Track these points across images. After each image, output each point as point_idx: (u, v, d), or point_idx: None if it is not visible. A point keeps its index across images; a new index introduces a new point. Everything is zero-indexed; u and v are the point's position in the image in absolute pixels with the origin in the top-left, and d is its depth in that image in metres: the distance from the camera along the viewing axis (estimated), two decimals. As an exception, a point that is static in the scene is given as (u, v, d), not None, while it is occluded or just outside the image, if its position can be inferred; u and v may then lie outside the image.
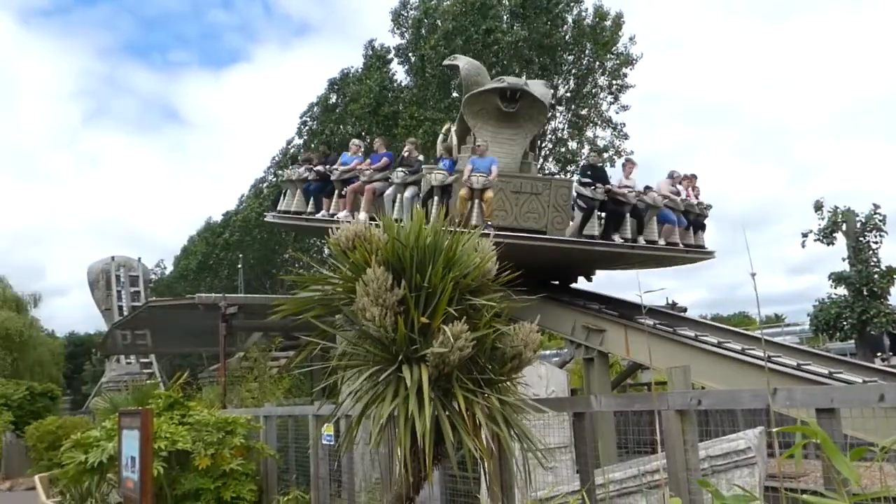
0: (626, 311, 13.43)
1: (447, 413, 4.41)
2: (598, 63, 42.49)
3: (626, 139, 43.58)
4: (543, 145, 43.83)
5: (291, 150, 57.19)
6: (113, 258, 48.75)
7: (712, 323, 13.90)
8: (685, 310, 16.26)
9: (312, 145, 48.70)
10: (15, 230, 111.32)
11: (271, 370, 16.17)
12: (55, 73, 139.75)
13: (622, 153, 43.65)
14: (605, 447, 10.36)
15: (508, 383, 4.89)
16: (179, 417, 10.35)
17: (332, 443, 8.28)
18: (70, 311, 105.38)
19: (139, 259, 52.15)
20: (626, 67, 42.58)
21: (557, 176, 44.67)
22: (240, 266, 53.65)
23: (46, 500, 10.82)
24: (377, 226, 5.03)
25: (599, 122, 43.65)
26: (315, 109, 51.75)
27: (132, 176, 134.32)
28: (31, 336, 37.63)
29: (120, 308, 44.64)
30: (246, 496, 9.78)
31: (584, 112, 43.28)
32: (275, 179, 57.87)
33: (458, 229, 5.02)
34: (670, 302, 16.41)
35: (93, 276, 47.63)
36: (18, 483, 22.92)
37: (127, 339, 30.71)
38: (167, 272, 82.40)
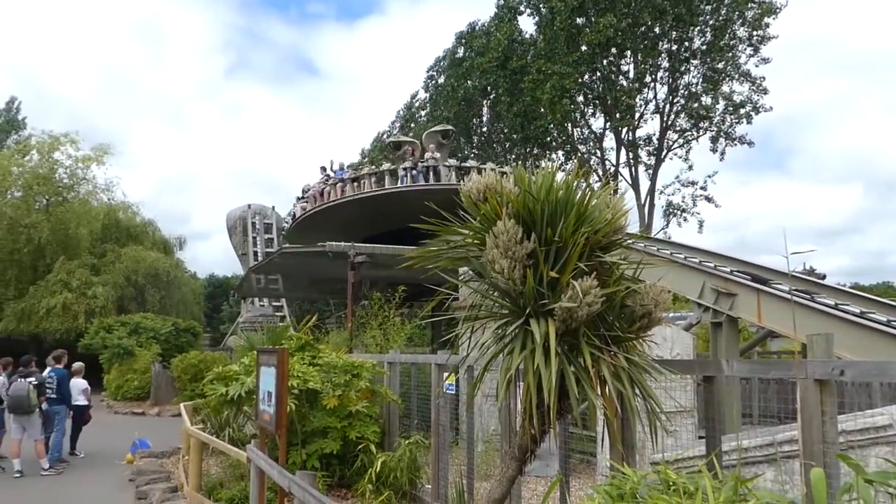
0: (758, 275, 12.81)
1: (573, 369, 4.37)
2: (737, 13, 39.98)
3: (765, 94, 41.05)
4: (676, 100, 42.00)
5: (416, 105, 57.87)
6: (249, 206, 50.95)
7: (854, 291, 13.02)
8: (824, 276, 15.30)
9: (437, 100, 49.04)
10: (164, 177, 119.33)
11: (394, 318, 16.61)
12: (200, 26, 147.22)
13: (760, 109, 41.21)
14: (727, 414, 10.02)
15: (635, 342, 4.79)
16: (310, 359, 10.86)
17: (453, 391, 8.44)
18: (211, 255, 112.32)
19: (273, 207, 54.26)
20: (769, 17, 39.84)
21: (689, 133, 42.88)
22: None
23: (191, 426, 11.70)
24: (508, 178, 5.00)
25: (737, 77, 41.28)
26: (442, 63, 51.90)
27: (269, 127, 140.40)
28: (177, 276, 40.05)
29: (255, 253, 46.93)
30: (370, 436, 10.19)
31: (720, 66, 41.03)
32: (398, 134, 58.86)
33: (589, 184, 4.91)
34: (808, 268, 15.49)
35: (231, 222, 50.17)
36: (166, 409, 24.90)
37: (261, 282, 32.43)
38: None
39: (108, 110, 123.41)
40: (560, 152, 46.02)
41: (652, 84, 42.40)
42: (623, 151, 43.71)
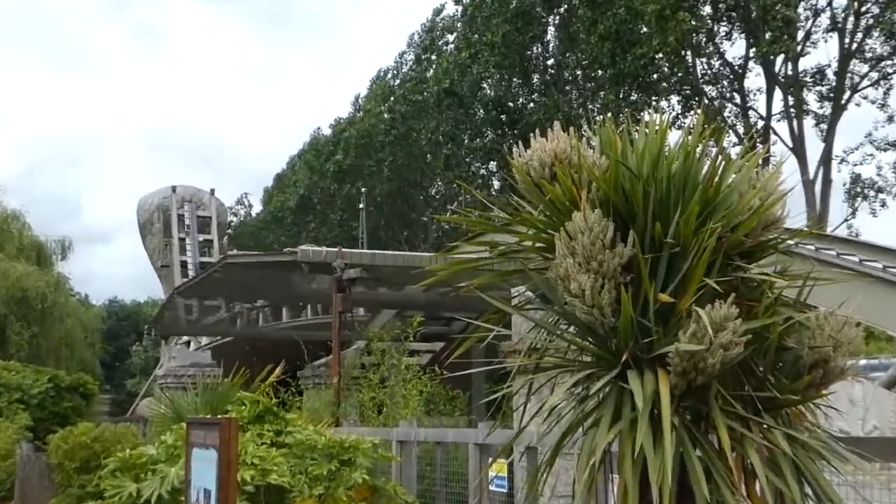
0: None
1: (699, 452, 4.34)
2: None
3: None
4: (866, 9, 41.50)
5: (441, 26, 58.07)
6: (174, 189, 51.46)
7: None
8: None
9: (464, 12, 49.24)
10: (39, 144, 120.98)
11: (408, 369, 16.66)
12: None
13: None
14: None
15: (803, 409, 4.73)
16: (273, 435, 10.89)
17: (504, 489, 8.44)
18: (113, 267, 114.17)
19: (212, 192, 54.60)
20: None
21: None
22: (361, 206, 55.44)
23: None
24: (591, 142, 5.00)
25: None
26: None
27: (206, 62, 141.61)
28: (58, 302, 39.86)
29: (184, 265, 47.51)
30: (370, 562, 10.21)
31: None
32: (415, 66, 59.18)
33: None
34: None
35: (145, 216, 50.75)
36: (40, 517, 25.07)
37: (193, 311, 32.66)
38: (253, 212, 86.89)
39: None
40: (674, 98, 45.95)
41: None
42: (778, 95, 43.41)
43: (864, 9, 41.78)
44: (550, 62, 51.73)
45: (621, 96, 45.49)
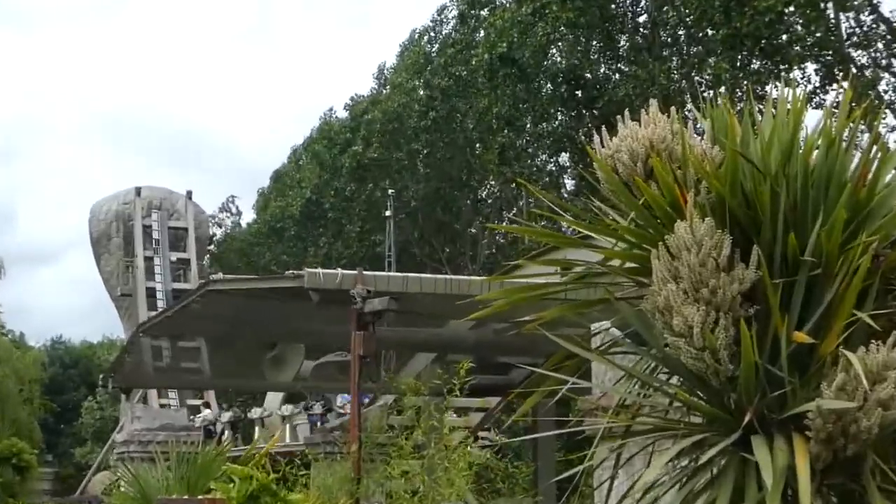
0: None
1: (850, 547, 4.33)
2: None
3: None
4: None
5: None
6: (138, 192, 51.75)
7: None
8: None
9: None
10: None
11: (452, 434, 16.67)
12: None
13: None
14: None
15: None
16: (270, 523, 10.95)
17: None
18: (56, 297, 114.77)
19: (189, 195, 54.82)
20: None
21: None
22: (388, 214, 55.44)
23: None
24: (697, 130, 5.00)
25: None
26: None
27: (178, 24, 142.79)
28: (-19, 344, 40.64)
29: (151, 292, 47.76)
30: None
31: None
32: (460, 27, 59.29)
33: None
34: None
35: (99, 228, 51.09)
36: None
37: (164, 356, 32.78)
38: (244, 220, 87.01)
39: None
40: (811, 67, 45.66)
41: None
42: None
43: None
44: (642, 19, 51.59)
45: (738, 65, 45.37)
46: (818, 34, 44.54)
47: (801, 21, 44.07)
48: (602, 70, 51.52)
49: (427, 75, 59.41)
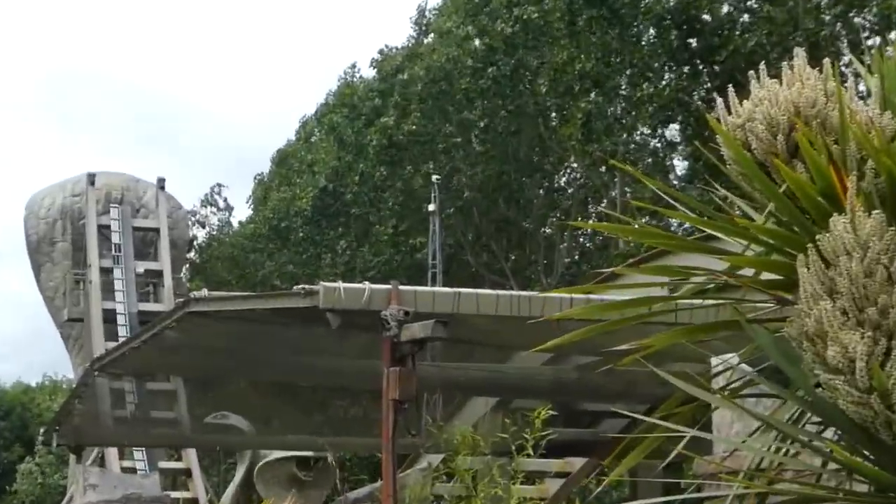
0: None
1: None
2: None
3: None
4: None
5: None
6: (92, 180, 51.98)
7: None
8: None
9: None
10: None
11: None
12: None
13: None
14: None
15: None
16: None
17: None
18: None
19: (161, 184, 55.04)
20: None
21: None
22: (431, 208, 55.46)
23: None
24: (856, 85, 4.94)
25: None
26: None
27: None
28: None
29: (110, 315, 48.07)
30: None
31: None
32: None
33: None
34: None
35: (40, 228, 51.51)
36: None
37: (127, 402, 33.04)
38: (234, 219, 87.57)
39: None
40: None
41: None
42: None
43: None
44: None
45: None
46: None
47: None
48: (725, 9, 51.22)
49: (484, 19, 59.27)
